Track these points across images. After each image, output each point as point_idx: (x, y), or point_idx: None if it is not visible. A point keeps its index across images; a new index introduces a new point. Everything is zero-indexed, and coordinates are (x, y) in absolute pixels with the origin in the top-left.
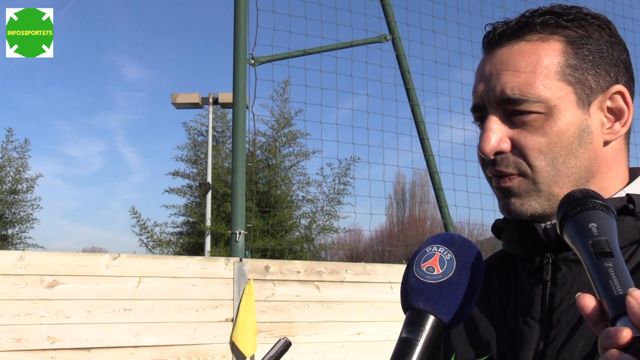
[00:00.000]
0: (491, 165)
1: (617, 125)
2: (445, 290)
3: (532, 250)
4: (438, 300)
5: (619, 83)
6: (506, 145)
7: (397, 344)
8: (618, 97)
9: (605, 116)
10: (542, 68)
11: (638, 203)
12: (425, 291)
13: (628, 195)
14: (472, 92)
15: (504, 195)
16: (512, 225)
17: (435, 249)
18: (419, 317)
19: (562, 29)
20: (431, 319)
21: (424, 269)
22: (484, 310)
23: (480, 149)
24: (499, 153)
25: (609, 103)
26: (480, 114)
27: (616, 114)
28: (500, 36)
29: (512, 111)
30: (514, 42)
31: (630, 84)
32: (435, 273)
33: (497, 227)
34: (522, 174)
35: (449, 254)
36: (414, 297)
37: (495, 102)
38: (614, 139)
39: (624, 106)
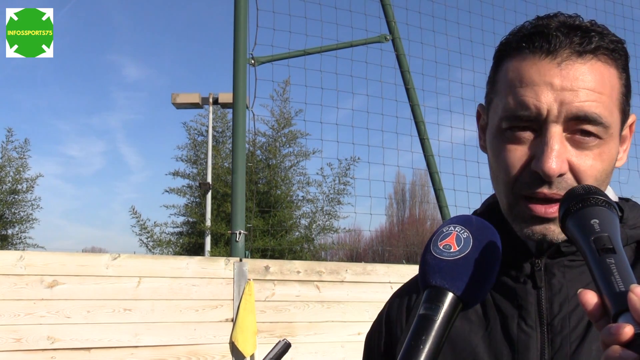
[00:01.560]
0: (545, 187)
1: (621, 151)
2: (462, 266)
3: (518, 257)
4: (455, 277)
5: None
6: (566, 167)
7: (416, 321)
8: (628, 127)
9: (619, 143)
10: (610, 92)
11: (624, 210)
12: (443, 268)
13: (617, 203)
14: (515, 95)
15: (542, 221)
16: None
17: (452, 228)
18: (436, 294)
19: (617, 54)
20: (449, 295)
21: (441, 247)
22: (468, 315)
23: (545, 169)
24: (559, 175)
25: (623, 132)
26: (527, 124)
27: (623, 141)
28: (572, 47)
29: (575, 130)
30: (587, 58)
31: None
32: (452, 250)
33: None
34: None
35: (465, 233)
36: (432, 274)
37: (566, 118)
38: (620, 165)
39: (629, 134)
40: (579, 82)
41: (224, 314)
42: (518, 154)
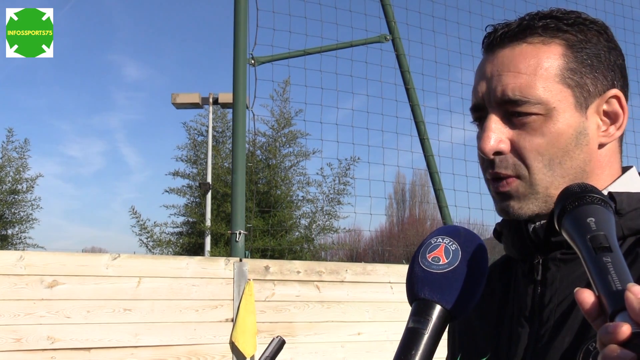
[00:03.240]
0: (490, 167)
1: (612, 129)
2: (451, 279)
3: (526, 252)
4: (444, 290)
5: (615, 87)
6: (505, 146)
7: (404, 334)
8: (614, 101)
9: (601, 119)
10: (542, 70)
11: (619, 200)
12: (431, 281)
13: (610, 193)
14: (472, 91)
15: (502, 198)
16: (507, 228)
17: (441, 240)
18: (425, 307)
19: (563, 33)
20: (437, 308)
21: (430, 260)
22: (484, 313)
23: (480, 148)
24: (498, 153)
25: (605, 107)
26: (479, 113)
27: (611, 117)
28: (501, 37)
29: (512, 112)
30: (516, 43)
31: (625, 89)
32: (440, 263)
33: (497, 231)
34: (519, 176)
35: (454, 245)
36: (420, 287)
37: (495, 103)
38: (609, 141)
39: (620, 110)
40: (503, 67)
41: (224, 314)
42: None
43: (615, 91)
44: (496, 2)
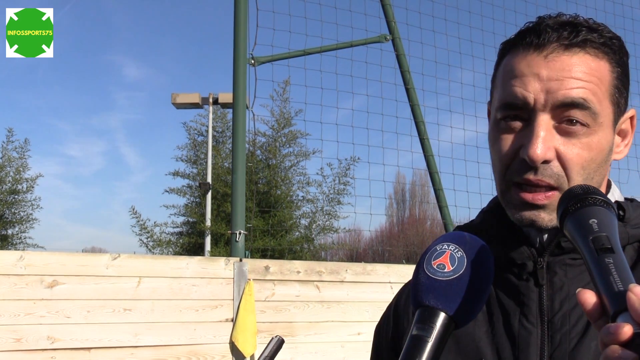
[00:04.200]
0: (531, 173)
1: (622, 145)
2: (456, 287)
3: (523, 255)
4: (449, 297)
5: (630, 107)
6: (552, 155)
7: (408, 342)
8: (628, 120)
9: (617, 136)
10: (598, 82)
11: (627, 209)
12: (436, 288)
13: (618, 202)
14: (507, 87)
15: (531, 208)
16: (500, 231)
17: (446, 247)
18: (429, 314)
19: (609, 48)
20: (442, 316)
21: (435, 267)
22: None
23: (530, 154)
24: (545, 162)
25: (622, 125)
26: (516, 112)
27: (623, 135)
28: (559, 40)
29: (565, 118)
30: (575, 51)
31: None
32: (446, 270)
33: (482, 231)
34: (559, 188)
35: (459, 252)
36: (425, 294)
37: (552, 105)
38: (620, 158)
39: (630, 129)
40: (564, 72)
41: (224, 314)
42: (509, 142)
43: (633, 111)
44: (496, 2)
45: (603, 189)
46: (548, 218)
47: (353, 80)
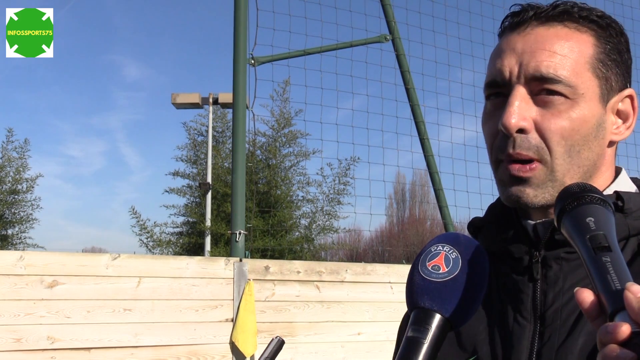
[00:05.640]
0: (508, 146)
1: (623, 127)
2: (451, 288)
3: (520, 249)
4: (444, 299)
5: (629, 87)
6: (528, 125)
7: (403, 343)
8: (628, 101)
9: (615, 116)
10: (576, 55)
11: (626, 199)
12: (431, 290)
13: (616, 192)
14: (490, 67)
15: (516, 182)
16: (496, 223)
17: (441, 248)
18: (425, 316)
19: (594, 24)
20: (437, 317)
21: (430, 268)
22: None
23: (503, 123)
24: (520, 131)
25: (620, 105)
26: (497, 89)
27: (623, 116)
28: (536, 16)
29: (540, 90)
30: (552, 24)
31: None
32: (441, 271)
33: (474, 226)
34: (541, 160)
35: (454, 253)
36: (420, 295)
37: (526, 78)
38: (619, 140)
39: (631, 110)
40: (538, 44)
41: (224, 314)
42: (494, 120)
43: (631, 90)
44: (496, 2)
45: (604, 173)
46: (533, 194)
47: (353, 80)
